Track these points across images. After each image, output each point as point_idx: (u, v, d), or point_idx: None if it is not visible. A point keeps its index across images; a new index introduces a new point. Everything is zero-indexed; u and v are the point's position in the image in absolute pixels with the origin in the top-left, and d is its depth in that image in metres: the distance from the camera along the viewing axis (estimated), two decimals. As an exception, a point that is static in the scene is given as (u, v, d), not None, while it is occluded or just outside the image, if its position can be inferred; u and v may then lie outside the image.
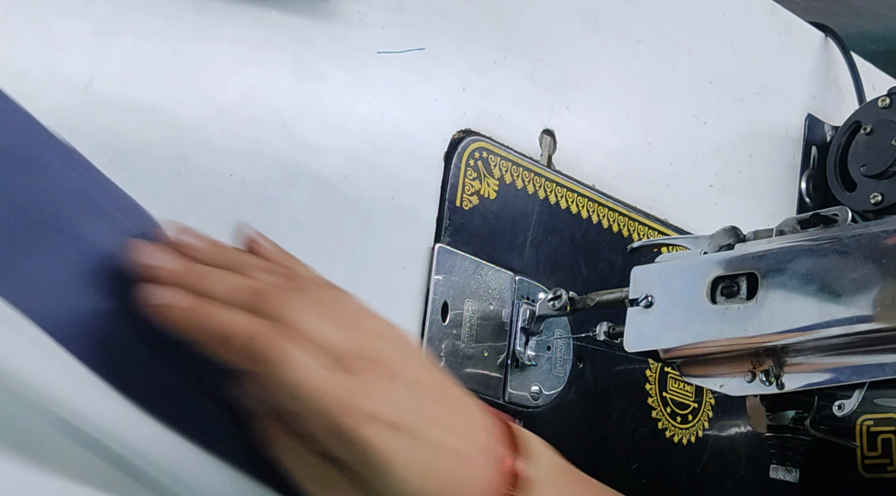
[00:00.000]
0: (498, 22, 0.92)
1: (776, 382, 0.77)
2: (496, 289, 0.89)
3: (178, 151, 0.72)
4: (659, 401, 0.99)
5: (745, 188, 1.10)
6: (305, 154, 0.79)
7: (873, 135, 1.05)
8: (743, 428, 1.04)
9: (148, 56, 0.72)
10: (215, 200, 0.73)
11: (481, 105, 0.90)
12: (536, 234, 0.92)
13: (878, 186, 1.03)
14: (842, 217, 0.77)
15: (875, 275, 0.72)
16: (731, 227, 0.81)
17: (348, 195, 0.81)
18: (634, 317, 0.82)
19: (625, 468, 0.95)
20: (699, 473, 1.01)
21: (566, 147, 0.96)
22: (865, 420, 1.03)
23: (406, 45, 0.86)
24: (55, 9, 0.68)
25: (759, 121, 1.13)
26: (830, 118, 1.17)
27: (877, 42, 1.58)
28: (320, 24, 0.81)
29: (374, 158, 0.83)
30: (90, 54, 0.69)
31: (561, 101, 0.96)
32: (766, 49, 1.14)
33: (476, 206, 0.88)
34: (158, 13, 0.72)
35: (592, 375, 0.94)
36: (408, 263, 0.84)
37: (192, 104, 0.73)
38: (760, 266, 0.77)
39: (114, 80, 0.70)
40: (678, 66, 1.06)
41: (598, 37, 0.99)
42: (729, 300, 0.78)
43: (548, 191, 0.93)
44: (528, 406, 0.89)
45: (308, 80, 0.80)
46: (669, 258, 0.83)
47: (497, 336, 0.88)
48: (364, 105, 0.83)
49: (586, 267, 0.95)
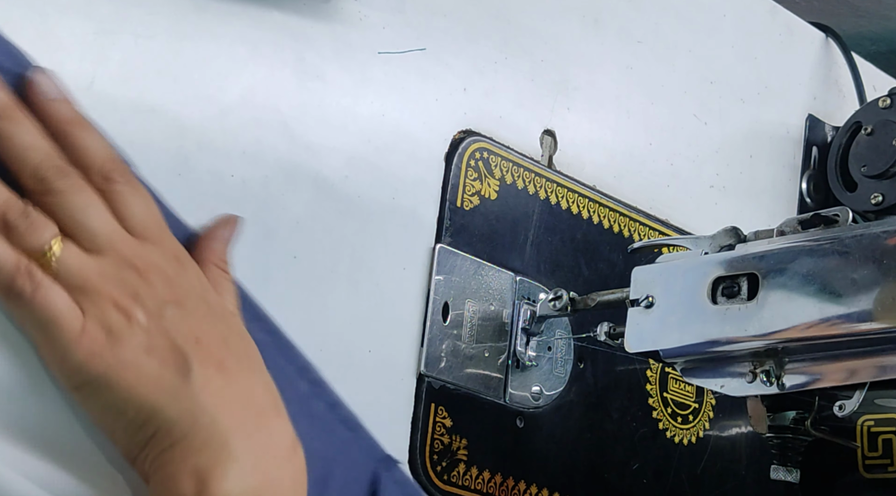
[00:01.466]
0: (499, 22, 0.92)
1: (777, 383, 0.77)
2: (497, 289, 0.89)
3: (179, 152, 0.72)
4: (660, 402, 0.99)
5: (746, 188, 1.10)
6: (306, 154, 0.79)
7: (874, 135, 1.05)
8: (744, 428, 1.04)
9: (149, 56, 0.72)
10: (216, 201, 0.73)
11: (482, 105, 0.90)
12: (537, 234, 0.92)
13: (878, 187, 1.03)
14: (842, 217, 0.77)
15: (876, 275, 0.72)
16: (731, 228, 0.81)
17: (349, 195, 0.81)
18: (635, 318, 0.82)
19: (625, 468, 0.96)
20: (700, 474, 1.01)
21: (567, 147, 0.96)
22: (866, 420, 1.03)
23: (407, 45, 0.86)
24: (56, 8, 0.68)
25: (760, 121, 1.13)
26: (831, 118, 1.17)
27: (877, 42, 1.58)
28: (321, 24, 0.81)
29: (374, 159, 0.83)
30: (91, 54, 0.69)
31: (562, 101, 0.96)
32: (767, 49, 1.14)
33: (477, 206, 0.88)
34: (159, 13, 0.72)
35: (593, 376, 0.94)
36: (408, 264, 0.84)
37: (193, 104, 0.73)
38: (761, 266, 0.77)
39: (115, 80, 0.70)
40: (679, 67, 1.06)
41: (598, 37, 0.99)
42: (730, 300, 0.78)
43: (548, 191, 0.93)
44: (528, 406, 0.89)
45: (309, 81, 0.80)
46: (670, 258, 0.83)
47: (498, 336, 0.88)
48: (365, 105, 0.83)
49: (587, 267, 0.95)
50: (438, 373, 0.84)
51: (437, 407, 0.84)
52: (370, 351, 0.81)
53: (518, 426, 0.89)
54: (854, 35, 1.50)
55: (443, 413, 0.84)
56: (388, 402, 0.82)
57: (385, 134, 0.84)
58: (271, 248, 0.76)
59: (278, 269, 0.76)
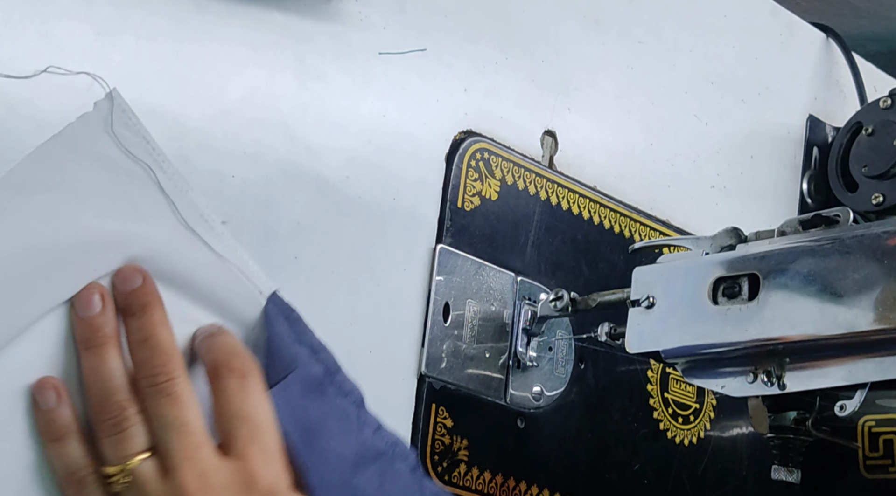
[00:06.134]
0: (499, 23, 0.92)
1: (778, 383, 0.77)
2: (498, 289, 0.89)
3: (180, 152, 0.72)
4: (660, 402, 0.99)
5: (747, 189, 1.10)
6: (307, 155, 0.79)
7: (875, 135, 1.05)
8: (744, 429, 1.04)
9: (149, 57, 0.72)
10: (217, 201, 0.73)
11: (483, 106, 0.90)
12: (538, 234, 0.92)
13: (879, 187, 1.03)
14: (843, 218, 0.77)
15: (877, 275, 0.72)
16: (732, 228, 0.81)
17: (350, 196, 0.81)
18: (636, 318, 0.82)
19: (626, 469, 0.96)
20: (701, 474, 1.01)
21: (567, 148, 0.96)
22: (867, 421, 1.03)
23: (407, 45, 0.86)
24: (57, 10, 0.68)
25: (761, 121, 1.13)
26: (832, 119, 1.17)
27: (878, 42, 1.58)
28: (322, 25, 0.81)
29: (375, 159, 0.83)
30: (92, 55, 0.69)
31: (562, 101, 0.96)
32: (768, 50, 1.14)
33: (477, 206, 0.88)
34: (160, 14, 0.72)
35: (594, 376, 0.94)
36: (409, 264, 0.84)
37: (194, 105, 0.73)
38: (762, 267, 0.77)
39: (115, 81, 0.70)
40: (679, 67, 1.06)
41: (599, 38, 0.99)
42: (730, 301, 0.78)
43: (549, 191, 0.93)
44: (529, 407, 0.89)
45: (309, 81, 0.80)
46: (671, 259, 0.83)
47: (499, 337, 0.88)
48: (365, 106, 0.83)
49: (588, 268, 0.95)
50: (439, 374, 0.84)
51: (438, 407, 0.84)
52: (371, 351, 0.81)
53: (519, 426, 0.89)
54: (855, 35, 1.50)
55: (444, 413, 0.84)
56: (389, 403, 0.82)
57: (386, 134, 0.84)
58: (272, 249, 0.76)
59: (279, 270, 0.76)
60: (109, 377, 0.63)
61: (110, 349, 0.64)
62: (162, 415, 0.63)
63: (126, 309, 0.65)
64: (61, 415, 0.63)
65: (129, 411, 0.63)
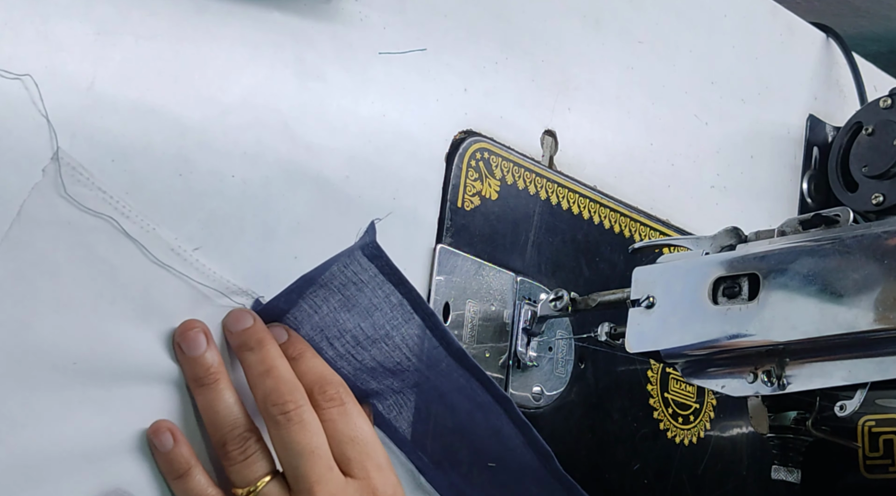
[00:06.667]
0: (499, 22, 0.92)
1: (778, 383, 0.77)
2: (498, 289, 0.89)
3: (180, 152, 0.72)
4: (660, 402, 0.99)
5: (747, 189, 1.10)
6: (307, 155, 0.79)
7: (875, 135, 1.05)
8: (744, 428, 1.04)
9: (149, 57, 0.72)
10: (217, 201, 0.73)
11: (483, 105, 0.90)
12: (538, 234, 0.92)
13: (879, 187, 1.03)
14: (843, 218, 0.77)
15: (877, 275, 0.72)
16: (732, 228, 0.81)
17: (350, 196, 0.81)
18: (636, 318, 0.82)
19: (626, 469, 0.95)
20: (701, 474, 1.01)
21: (567, 148, 0.96)
22: (867, 421, 1.03)
23: (407, 45, 0.86)
24: (57, 9, 0.68)
25: (761, 121, 1.13)
26: (832, 119, 1.17)
27: (878, 42, 1.58)
28: (321, 24, 0.81)
29: (375, 159, 0.83)
30: (92, 55, 0.69)
31: (562, 101, 0.96)
32: (768, 49, 1.14)
33: (477, 206, 0.88)
34: (160, 14, 0.72)
35: (594, 376, 0.94)
36: (409, 264, 0.84)
37: (194, 105, 0.73)
38: (762, 267, 0.77)
39: (115, 81, 0.70)
40: (679, 67, 1.06)
41: (599, 37, 0.99)
42: (730, 301, 0.78)
43: (549, 191, 0.93)
44: (529, 407, 0.89)
45: (309, 81, 0.80)
46: (671, 259, 0.83)
47: (499, 337, 0.88)
48: (365, 106, 0.83)
49: (588, 267, 0.95)
50: (439, 374, 0.84)
51: (438, 407, 0.84)
52: (371, 351, 0.81)
53: (519, 426, 0.89)
54: (855, 35, 1.50)
55: (444, 413, 0.84)
56: (389, 403, 0.82)
57: (386, 134, 0.84)
58: (272, 249, 0.76)
59: (279, 270, 0.76)
60: (228, 411, 0.69)
61: (223, 384, 0.70)
62: (293, 441, 0.68)
63: (242, 345, 0.71)
64: (181, 453, 0.68)
65: (251, 440, 0.69)
